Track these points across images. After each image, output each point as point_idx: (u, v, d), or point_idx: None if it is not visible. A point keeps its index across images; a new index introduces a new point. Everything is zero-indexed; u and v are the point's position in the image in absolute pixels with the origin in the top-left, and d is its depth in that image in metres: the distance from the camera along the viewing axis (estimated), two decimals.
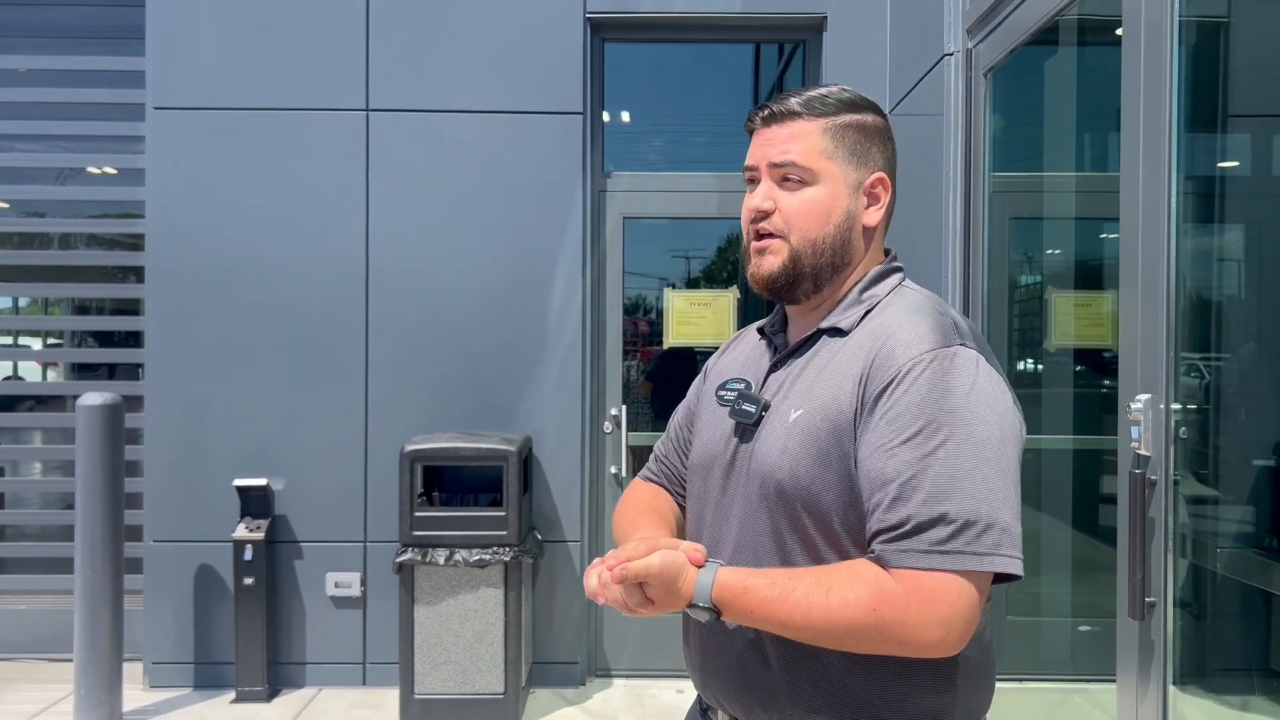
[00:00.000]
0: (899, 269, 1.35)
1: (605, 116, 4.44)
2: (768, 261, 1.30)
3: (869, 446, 1.15)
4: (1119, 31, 2.19)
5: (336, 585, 4.13)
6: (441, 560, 3.61)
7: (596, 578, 1.18)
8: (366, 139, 4.15)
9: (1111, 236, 2.23)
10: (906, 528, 1.10)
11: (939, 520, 1.09)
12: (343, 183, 4.15)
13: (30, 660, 4.37)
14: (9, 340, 4.71)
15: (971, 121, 3.22)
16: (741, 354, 1.46)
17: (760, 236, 1.31)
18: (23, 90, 4.47)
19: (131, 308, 4.57)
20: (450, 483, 4.01)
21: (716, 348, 1.83)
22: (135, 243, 4.42)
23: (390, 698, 3.96)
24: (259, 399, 4.13)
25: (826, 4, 4.19)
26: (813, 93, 1.31)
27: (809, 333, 1.32)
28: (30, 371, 4.79)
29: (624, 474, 4.34)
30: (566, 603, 4.20)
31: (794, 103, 1.30)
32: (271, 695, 4.03)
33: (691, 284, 4.55)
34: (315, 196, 4.14)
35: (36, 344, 4.77)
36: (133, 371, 4.48)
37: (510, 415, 4.18)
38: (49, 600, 4.39)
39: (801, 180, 1.28)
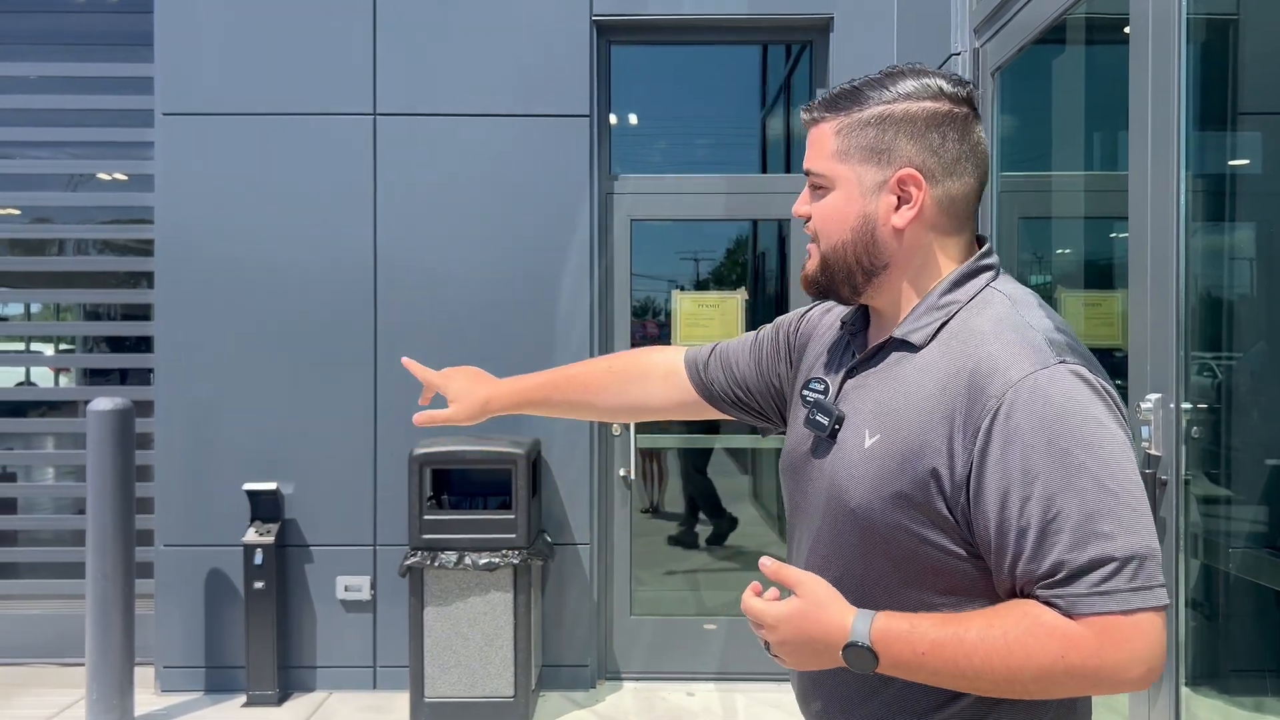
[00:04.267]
0: (987, 267, 1.22)
1: (612, 119, 4.45)
2: (808, 264, 1.29)
3: (989, 495, 1.08)
4: (1127, 29, 2.17)
5: (346, 589, 4.14)
6: (451, 563, 3.61)
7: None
8: (374, 143, 4.16)
9: (1121, 235, 2.21)
10: (1062, 574, 1.03)
11: (1099, 561, 1.02)
12: (351, 187, 4.16)
13: (42, 665, 4.38)
14: (21, 346, 4.74)
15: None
16: (827, 342, 1.40)
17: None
18: (32, 97, 4.50)
19: (142, 313, 4.58)
20: (459, 486, 4.01)
21: None
22: (145, 248, 4.44)
23: (400, 701, 3.97)
24: (268, 403, 4.14)
25: (834, 5, 4.19)
26: (849, 85, 1.24)
27: (882, 340, 1.25)
28: (42, 377, 4.81)
29: (633, 476, 4.34)
30: (576, 605, 4.19)
31: (819, 103, 1.25)
32: (282, 699, 4.03)
33: (700, 286, 4.55)
34: (324, 201, 4.15)
35: (48, 350, 4.79)
36: (144, 376, 4.49)
37: (519, 418, 4.16)
38: (61, 605, 4.40)
39: (823, 187, 1.25)
